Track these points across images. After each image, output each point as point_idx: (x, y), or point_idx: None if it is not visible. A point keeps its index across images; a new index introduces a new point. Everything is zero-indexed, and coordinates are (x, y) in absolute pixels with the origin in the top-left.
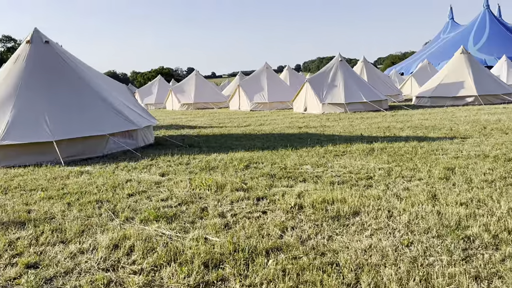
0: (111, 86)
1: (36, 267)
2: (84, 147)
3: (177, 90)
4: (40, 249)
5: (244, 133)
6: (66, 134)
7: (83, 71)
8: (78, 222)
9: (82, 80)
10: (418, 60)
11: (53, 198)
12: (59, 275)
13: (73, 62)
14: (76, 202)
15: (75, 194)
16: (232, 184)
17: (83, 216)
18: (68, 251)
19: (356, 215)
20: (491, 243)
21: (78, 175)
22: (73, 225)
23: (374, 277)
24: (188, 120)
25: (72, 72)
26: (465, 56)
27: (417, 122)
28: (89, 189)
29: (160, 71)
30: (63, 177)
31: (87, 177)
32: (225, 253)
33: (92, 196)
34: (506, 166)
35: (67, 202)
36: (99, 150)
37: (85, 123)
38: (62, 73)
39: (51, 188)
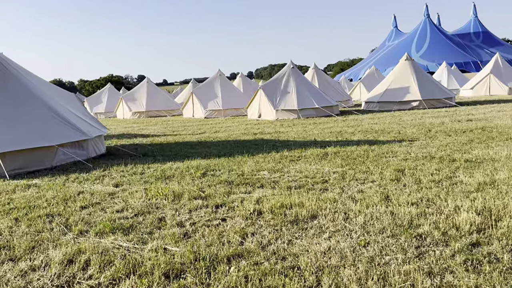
0: (58, 94)
1: None
2: (30, 159)
3: (128, 98)
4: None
5: (199, 141)
6: (10, 146)
7: (27, 79)
8: (28, 238)
9: (26, 88)
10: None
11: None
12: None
13: (15, 69)
14: (25, 217)
15: (23, 208)
16: (190, 193)
17: (33, 231)
18: (18, 269)
19: (314, 219)
20: (441, 240)
21: (25, 189)
22: (22, 241)
23: (334, 278)
24: (140, 128)
25: (15, 80)
26: (409, 62)
27: (367, 126)
28: (38, 203)
29: (109, 79)
30: (9, 191)
31: (35, 190)
32: (185, 263)
33: (41, 210)
34: (451, 166)
35: (15, 218)
36: (47, 162)
37: (31, 133)
38: (4, 81)
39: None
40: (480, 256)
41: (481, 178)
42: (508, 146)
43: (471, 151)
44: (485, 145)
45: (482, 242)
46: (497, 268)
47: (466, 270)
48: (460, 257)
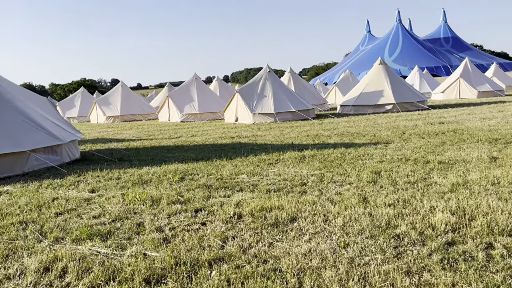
0: (30, 98)
1: None
2: (1, 166)
3: (102, 102)
4: None
5: (176, 145)
6: None
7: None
8: (1, 246)
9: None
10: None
11: None
12: None
13: None
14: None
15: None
16: (168, 197)
17: (6, 239)
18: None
19: (294, 221)
20: (418, 240)
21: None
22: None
23: (316, 279)
24: (115, 133)
25: None
26: (383, 66)
27: (343, 129)
28: (10, 210)
29: (82, 83)
30: None
31: (7, 197)
32: (166, 268)
33: (14, 218)
34: (425, 168)
35: None
36: (19, 168)
37: (1, 139)
38: None
39: None
40: (455, 254)
41: (454, 179)
42: (478, 147)
43: (444, 153)
44: (457, 147)
45: (457, 241)
46: (473, 266)
47: (443, 269)
48: (437, 256)
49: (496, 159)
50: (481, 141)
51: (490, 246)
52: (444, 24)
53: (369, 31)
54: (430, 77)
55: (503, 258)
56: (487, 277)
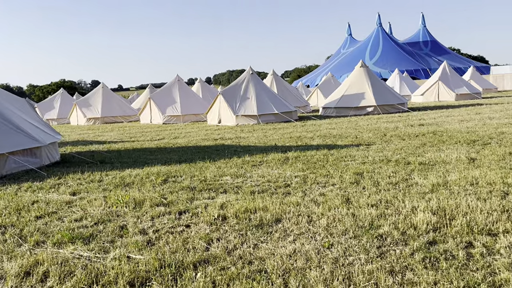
0: (7, 99)
1: None
2: None
3: (82, 104)
4: None
5: (158, 147)
6: None
7: None
8: None
9: None
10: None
11: None
12: None
13: None
14: None
15: None
16: (151, 200)
17: None
18: None
19: (278, 222)
20: (401, 239)
21: None
22: None
23: (301, 280)
24: (96, 135)
25: None
26: (364, 69)
27: (325, 131)
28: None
29: (61, 84)
30: None
31: None
32: (151, 270)
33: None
34: (407, 169)
35: None
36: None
37: None
38: None
39: None
40: (437, 253)
41: (434, 180)
42: (457, 149)
43: (424, 154)
44: (436, 148)
45: (438, 240)
46: (453, 264)
47: (425, 268)
48: (419, 255)
49: (474, 160)
50: (460, 142)
51: (470, 245)
52: (423, 28)
53: (350, 34)
54: (410, 80)
55: (482, 256)
56: (468, 275)
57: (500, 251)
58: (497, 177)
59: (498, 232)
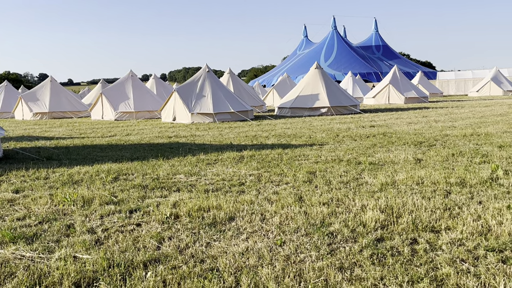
0: None
1: None
2: None
3: (29, 98)
4: None
5: (109, 144)
6: None
7: None
8: None
9: None
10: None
11: None
12: None
13: None
14: None
15: None
16: (101, 198)
17: None
18: None
19: (232, 220)
20: (350, 237)
21: None
22: None
23: (253, 277)
24: (43, 130)
25: None
26: (319, 71)
27: (280, 131)
28: None
29: (5, 76)
30: None
31: None
32: (98, 270)
33: None
34: (357, 168)
35: None
36: None
37: None
38: None
39: None
40: (384, 250)
41: (383, 179)
42: (405, 150)
43: (374, 154)
44: (386, 149)
45: (386, 237)
46: (399, 260)
47: (372, 264)
48: (367, 252)
49: (421, 161)
50: (408, 143)
51: (415, 241)
52: (375, 33)
53: (306, 36)
54: (362, 82)
55: (426, 252)
56: (412, 270)
57: (442, 247)
58: (440, 177)
59: (441, 229)
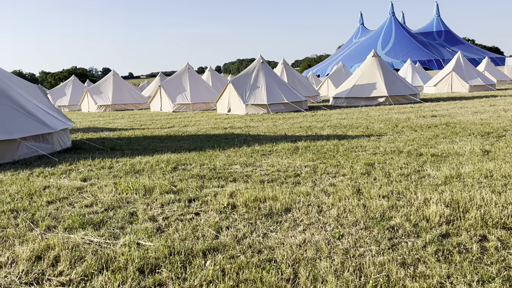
0: (20, 85)
1: None
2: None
3: (93, 91)
4: None
5: (168, 135)
6: None
7: None
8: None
9: None
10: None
11: None
12: None
13: None
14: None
15: None
16: (161, 187)
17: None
18: None
19: (288, 212)
20: (413, 232)
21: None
22: None
23: (311, 270)
24: (107, 122)
25: None
26: (376, 59)
27: (335, 121)
28: (0, 198)
29: (73, 71)
30: None
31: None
32: (160, 257)
33: (5, 206)
34: (419, 160)
35: None
36: (9, 156)
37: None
38: None
39: None
40: (450, 246)
41: (447, 172)
42: (471, 141)
43: (437, 145)
44: (449, 140)
45: (452, 233)
46: (467, 258)
47: (437, 260)
48: (432, 248)
49: (489, 153)
50: (474, 134)
51: (484, 238)
52: (437, 18)
53: (362, 23)
54: (422, 70)
55: (497, 250)
56: (482, 269)
57: None
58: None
59: None
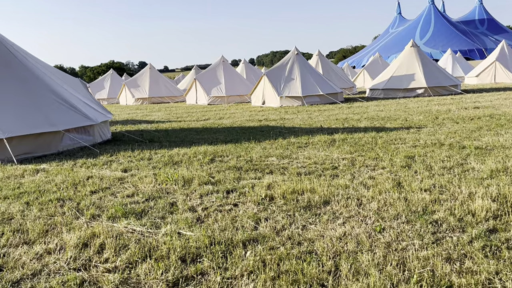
0: (64, 79)
1: (0, 271)
2: (37, 144)
3: (131, 85)
4: (2, 251)
5: (204, 127)
6: (17, 131)
7: (32, 63)
8: (41, 221)
9: (31, 73)
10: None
11: (9, 198)
12: (26, 277)
13: (20, 53)
14: (36, 201)
15: (33, 193)
16: (199, 178)
17: (45, 215)
18: (33, 252)
19: (327, 204)
20: (458, 226)
21: (34, 173)
22: (35, 225)
23: (352, 263)
24: (144, 114)
25: (20, 64)
26: (415, 49)
27: (373, 113)
28: (47, 188)
29: (110, 65)
30: (17, 175)
31: (44, 175)
32: (201, 247)
33: (52, 195)
34: (462, 153)
35: (26, 202)
36: (54, 147)
37: (38, 119)
38: (9, 66)
39: (6, 188)
40: (498, 242)
41: (493, 165)
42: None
43: (480, 138)
44: (494, 133)
45: (500, 228)
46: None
47: (485, 256)
48: (478, 243)
49: None
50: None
51: None
52: (479, 5)
53: (400, 13)
54: (463, 60)
55: None
56: None
57: None
58: None
59: None
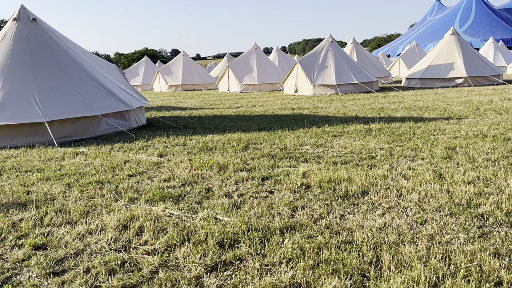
0: (102, 65)
1: (45, 249)
2: (76, 128)
3: (165, 71)
4: (46, 230)
5: (237, 114)
6: (57, 115)
7: (72, 49)
8: (82, 203)
9: (72, 59)
10: (404, 42)
11: (51, 179)
12: (69, 256)
13: (62, 40)
14: (76, 183)
15: (74, 175)
16: (234, 165)
17: (85, 197)
18: (75, 232)
19: (365, 194)
20: (505, 221)
21: (74, 156)
22: (76, 206)
23: (394, 254)
24: (178, 101)
25: (61, 50)
26: (455, 37)
27: (409, 103)
28: (87, 170)
29: (144, 52)
30: (58, 158)
31: (83, 158)
32: (238, 233)
33: (91, 177)
34: (506, 146)
35: (67, 183)
36: (91, 131)
37: (77, 103)
38: (51, 52)
39: (47, 169)
40: None
41: None
42: None
43: None
44: None
45: None
46: None
47: None
48: None
49: None
50: None
51: None
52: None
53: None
54: (506, 49)
55: None
56: None
57: None
58: None
59: None
